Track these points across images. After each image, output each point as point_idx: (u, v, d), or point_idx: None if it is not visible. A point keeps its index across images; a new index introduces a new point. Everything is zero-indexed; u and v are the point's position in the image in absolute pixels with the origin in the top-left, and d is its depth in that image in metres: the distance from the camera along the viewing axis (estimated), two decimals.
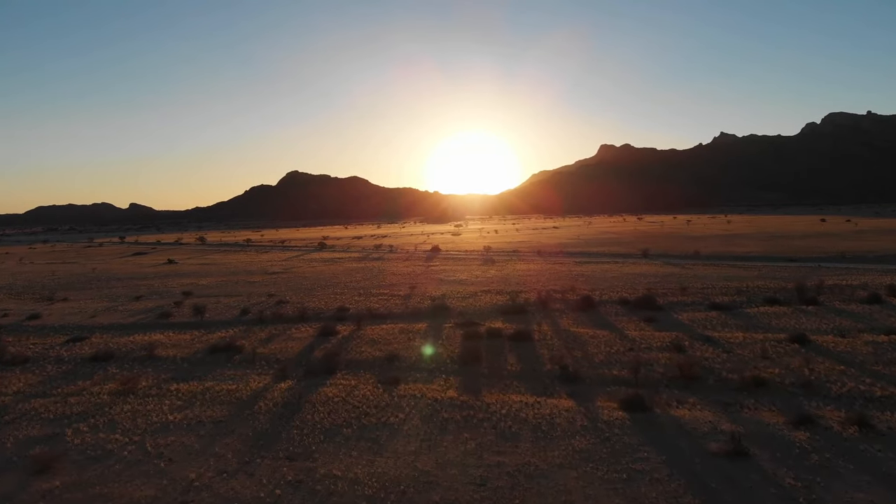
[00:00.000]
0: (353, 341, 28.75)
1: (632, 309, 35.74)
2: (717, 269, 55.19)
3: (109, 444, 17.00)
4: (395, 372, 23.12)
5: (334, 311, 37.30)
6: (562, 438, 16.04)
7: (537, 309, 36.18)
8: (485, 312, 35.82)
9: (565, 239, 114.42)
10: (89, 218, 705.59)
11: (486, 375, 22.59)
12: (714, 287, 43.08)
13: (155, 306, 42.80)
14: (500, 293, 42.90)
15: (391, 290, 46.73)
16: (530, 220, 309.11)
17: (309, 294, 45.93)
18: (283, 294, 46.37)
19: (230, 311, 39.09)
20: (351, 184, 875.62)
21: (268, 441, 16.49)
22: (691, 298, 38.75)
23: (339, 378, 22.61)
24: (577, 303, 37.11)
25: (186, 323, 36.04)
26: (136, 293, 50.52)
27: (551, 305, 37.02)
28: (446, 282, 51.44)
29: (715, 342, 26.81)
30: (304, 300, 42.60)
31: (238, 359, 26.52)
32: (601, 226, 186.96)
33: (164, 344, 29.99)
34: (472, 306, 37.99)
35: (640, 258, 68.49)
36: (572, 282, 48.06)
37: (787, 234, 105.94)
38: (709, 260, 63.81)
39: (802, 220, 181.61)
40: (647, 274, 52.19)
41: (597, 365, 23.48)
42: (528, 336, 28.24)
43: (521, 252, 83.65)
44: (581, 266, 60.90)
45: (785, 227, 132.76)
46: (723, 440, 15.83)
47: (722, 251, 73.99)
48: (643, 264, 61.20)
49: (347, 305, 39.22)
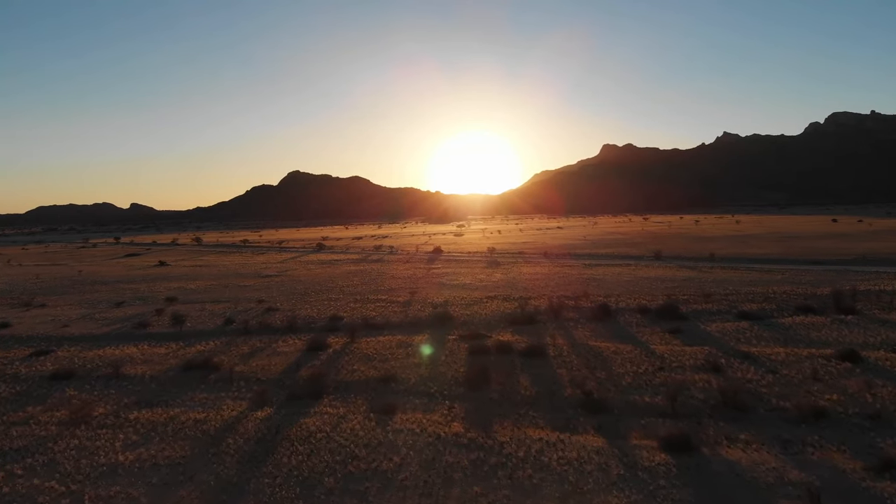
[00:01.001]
0: (345, 357, 25.63)
1: (654, 318, 32.58)
2: (736, 272, 51.98)
3: (42, 494, 13.91)
4: (391, 396, 20.01)
5: (327, 321, 34.18)
6: (595, 494, 12.89)
7: (549, 318, 33.03)
8: (491, 322, 32.69)
9: (571, 240, 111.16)
10: (90, 218, 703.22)
11: (497, 401, 19.45)
12: (738, 293, 39.90)
13: (135, 314, 39.73)
14: (508, 300, 39.76)
15: (390, 295, 43.61)
16: (533, 221, 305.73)
17: (301, 300, 42.83)
18: (274, 300, 43.27)
19: (214, 320, 35.97)
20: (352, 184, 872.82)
21: (231, 496, 13.36)
22: (717, 306, 35.57)
23: (325, 404, 19.51)
24: (592, 311, 33.94)
25: (165, 334, 32.93)
26: (119, 298, 47.45)
27: (564, 314, 33.86)
28: (449, 286, 48.33)
29: (755, 360, 23.64)
30: (296, 307, 39.49)
31: (214, 378, 23.42)
32: (607, 226, 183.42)
33: (134, 359, 26.90)
34: (477, 315, 34.85)
35: (652, 260, 65.27)
36: (584, 287, 44.90)
37: (801, 235, 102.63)
38: (726, 262, 60.56)
39: (812, 220, 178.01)
40: (664, 278, 49.01)
41: (625, 389, 20.33)
42: (542, 351, 25.08)
43: (526, 254, 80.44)
44: (591, 269, 57.71)
45: (796, 228, 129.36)
46: (795, 496, 12.71)
47: (737, 253, 70.76)
48: (657, 267, 57.99)
49: (341, 314, 36.09)
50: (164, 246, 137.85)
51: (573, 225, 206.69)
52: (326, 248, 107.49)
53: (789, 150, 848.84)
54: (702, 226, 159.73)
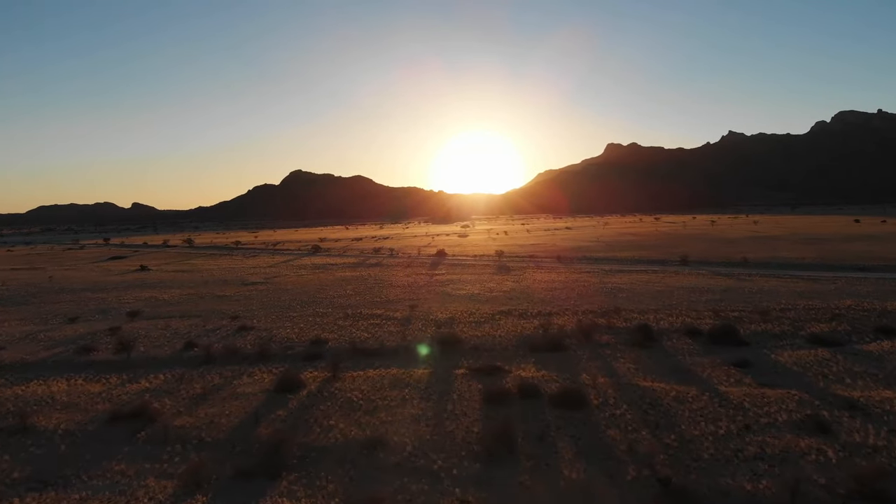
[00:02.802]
0: (322, 404, 19.60)
1: (708, 344, 26.55)
2: (780, 281, 45.85)
3: None
4: (378, 478, 14.03)
5: (307, 345, 28.20)
6: None
7: (579, 342, 27.00)
8: (508, 348, 26.67)
9: (583, 241, 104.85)
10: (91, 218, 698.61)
11: (530, 489, 13.45)
12: (796, 308, 33.84)
13: (86, 333, 33.78)
14: (525, 316, 33.71)
15: (386, 309, 37.58)
16: (539, 221, 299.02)
17: (283, 315, 36.82)
18: (252, 315, 37.29)
19: (173, 343, 29.97)
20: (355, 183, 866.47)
21: None
22: (778, 326, 29.51)
23: (282, 491, 13.53)
24: (630, 334, 27.91)
25: (109, 363, 26.98)
26: (78, 311, 41.57)
27: (597, 337, 27.81)
28: (454, 297, 42.33)
29: (866, 412, 17.62)
30: (274, 325, 33.50)
31: (145, 436, 17.46)
32: (618, 226, 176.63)
33: (56, 402, 20.94)
34: (489, 336, 28.82)
35: (679, 266, 59.14)
36: (611, 299, 38.89)
37: (827, 237, 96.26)
38: (762, 269, 54.40)
39: (831, 220, 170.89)
40: (700, 287, 42.91)
41: (709, 466, 14.28)
42: (580, 398, 19.00)
43: (537, 257, 74.27)
44: (614, 276, 51.59)
45: (818, 229, 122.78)
46: None
47: (768, 257, 64.51)
48: (687, 274, 51.86)
49: (326, 335, 30.06)
50: (153, 248, 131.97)
51: (582, 225, 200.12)
52: (323, 250, 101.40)
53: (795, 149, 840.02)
54: (719, 227, 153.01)
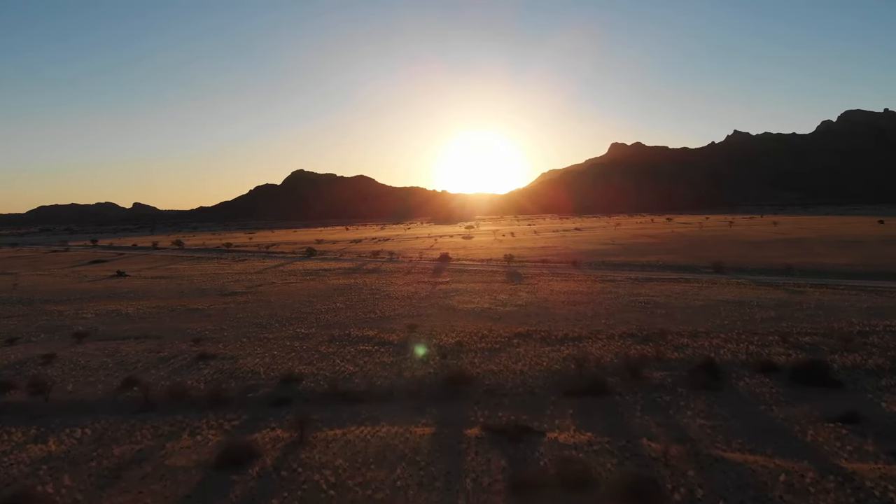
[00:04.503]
0: (277, 494, 13.50)
1: (791, 385, 20.48)
2: (837, 293, 39.68)
3: None
4: None
5: (275, 385, 22.14)
6: None
7: (625, 382, 20.93)
8: (535, 391, 20.60)
9: (597, 244, 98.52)
10: (91, 217, 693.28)
11: None
12: (877, 331, 27.77)
13: (17, 361, 27.84)
14: (549, 340, 27.61)
15: (380, 330, 31.50)
16: (546, 221, 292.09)
17: (256, 337, 30.77)
18: (219, 337, 31.22)
19: (110, 380, 23.92)
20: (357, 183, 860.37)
21: None
22: (871, 359, 23.39)
23: None
24: (688, 369, 21.83)
25: (21, 407, 21.00)
26: (22, 330, 35.66)
27: (646, 374, 21.71)
28: (461, 313, 36.29)
29: None
30: (242, 352, 27.45)
31: None
32: (630, 227, 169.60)
33: None
34: (508, 372, 22.74)
35: (713, 273, 52.92)
36: (648, 316, 32.81)
37: (863, 240, 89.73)
38: (810, 278, 48.15)
39: (855, 221, 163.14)
40: (748, 302, 36.73)
41: None
42: (653, 490, 12.89)
43: (550, 262, 68.04)
44: (643, 286, 45.41)
45: (846, 231, 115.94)
46: None
47: (807, 263, 58.23)
48: (726, 284, 45.66)
49: (301, 369, 23.97)
50: (142, 250, 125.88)
51: (591, 226, 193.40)
52: (318, 253, 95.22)
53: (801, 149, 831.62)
54: (737, 228, 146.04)
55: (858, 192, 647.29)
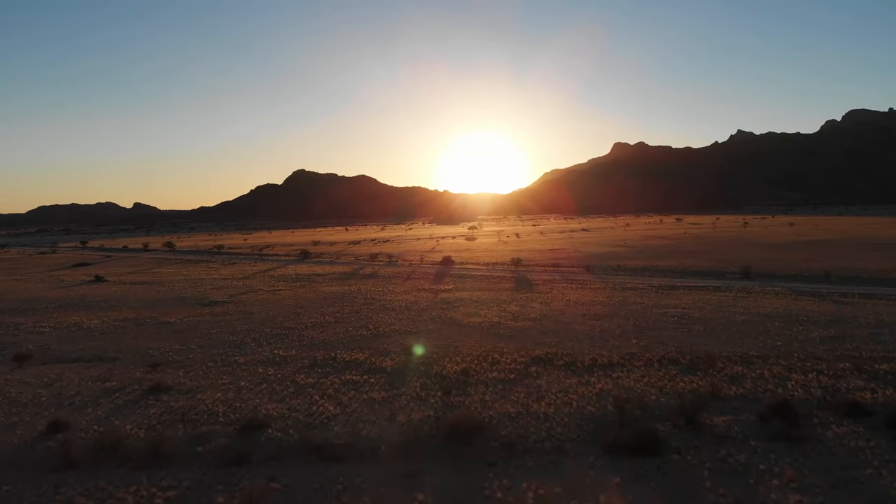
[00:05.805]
0: None
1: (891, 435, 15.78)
2: (893, 306, 34.94)
3: None
4: None
5: (233, 433, 17.45)
6: None
7: (680, 431, 16.27)
8: (564, 445, 15.92)
9: (608, 246, 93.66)
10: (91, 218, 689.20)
11: None
12: None
13: None
14: (574, 368, 22.89)
15: (372, 352, 26.81)
16: (550, 221, 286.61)
17: (226, 360, 26.10)
18: (183, 360, 26.55)
19: (34, 423, 19.24)
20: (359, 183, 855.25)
21: None
22: None
23: None
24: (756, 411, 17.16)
25: None
26: None
27: (705, 420, 17.02)
28: (467, 329, 31.63)
29: None
30: (204, 382, 22.77)
31: None
32: (639, 228, 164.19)
33: None
34: (528, 415, 18.06)
35: (742, 279, 48.11)
36: (685, 335, 28.10)
37: (886, 241, 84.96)
38: (854, 286, 43.34)
39: (872, 222, 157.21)
40: (796, 317, 31.95)
41: None
42: None
43: (562, 266, 63.25)
44: (668, 295, 40.65)
45: (864, 232, 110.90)
46: None
47: (841, 267, 53.45)
48: (761, 292, 40.88)
49: (269, 409, 19.26)
50: (131, 252, 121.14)
51: (599, 227, 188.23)
52: (313, 256, 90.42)
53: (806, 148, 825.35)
54: (752, 228, 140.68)
55: (864, 192, 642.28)
